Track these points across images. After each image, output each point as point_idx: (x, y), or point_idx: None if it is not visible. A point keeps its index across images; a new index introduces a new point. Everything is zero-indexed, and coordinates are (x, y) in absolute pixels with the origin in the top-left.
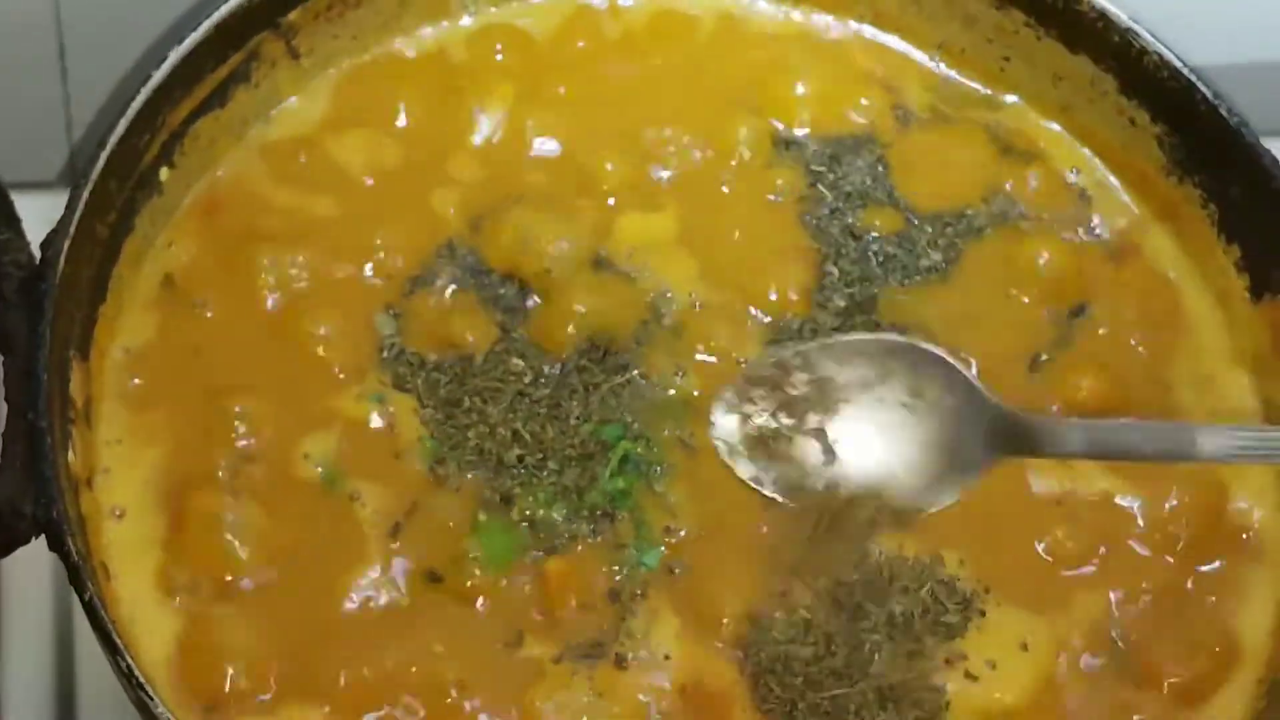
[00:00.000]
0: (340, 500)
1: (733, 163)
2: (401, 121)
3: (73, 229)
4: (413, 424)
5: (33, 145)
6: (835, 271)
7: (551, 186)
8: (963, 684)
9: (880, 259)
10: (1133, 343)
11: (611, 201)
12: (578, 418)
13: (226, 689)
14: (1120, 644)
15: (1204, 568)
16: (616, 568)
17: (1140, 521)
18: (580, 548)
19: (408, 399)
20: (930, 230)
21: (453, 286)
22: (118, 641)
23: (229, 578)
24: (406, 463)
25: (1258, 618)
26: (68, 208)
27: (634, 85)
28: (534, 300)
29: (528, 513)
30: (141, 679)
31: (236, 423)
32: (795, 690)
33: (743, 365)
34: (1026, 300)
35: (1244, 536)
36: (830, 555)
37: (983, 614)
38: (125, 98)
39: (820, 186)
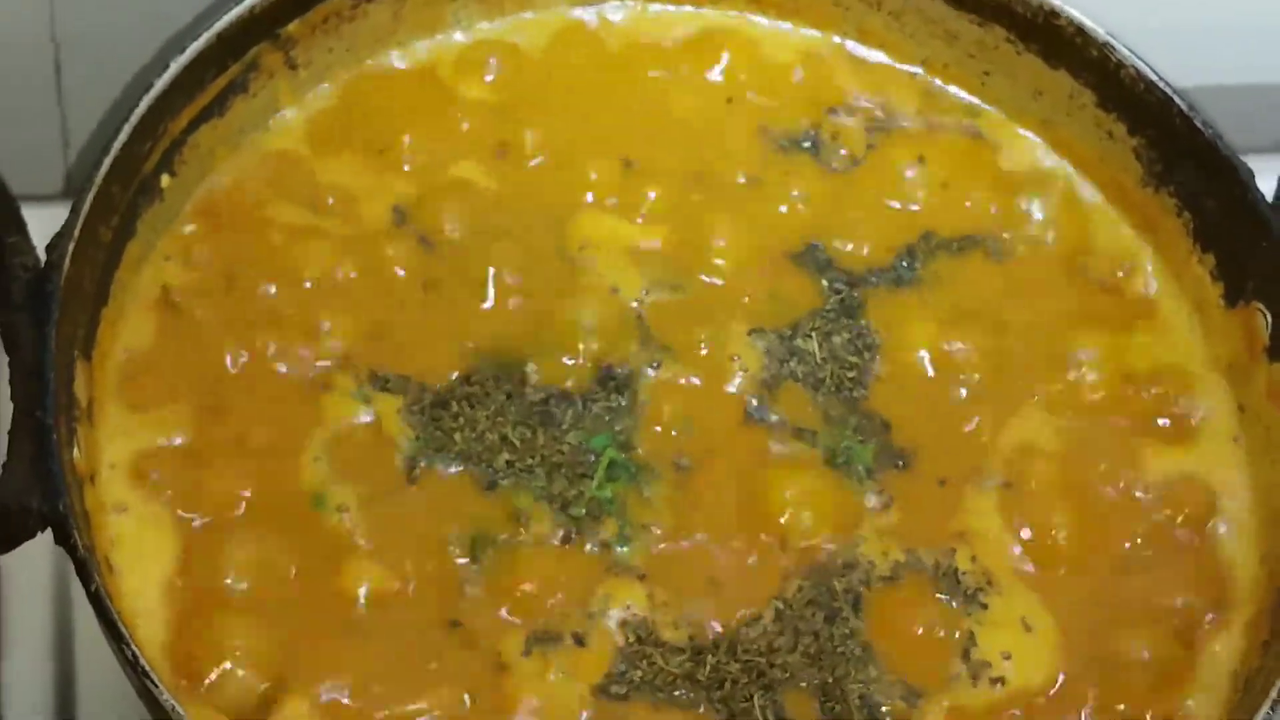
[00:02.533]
0: (330, 509)
1: (731, 177)
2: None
3: (77, 232)
4: (396, 423)
5: (28, 161)
6: (825, 282)
7: (542, 201)
8: (991, 688)
9: (872, 267)
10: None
11: (590, 197)
12: (568, 425)
13: (222, 684)
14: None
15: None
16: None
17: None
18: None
19: (393, 399)
20: (928, 243)
21: None
22: (123, 630)
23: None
24: (391, 462)
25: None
26: (73, 211)
27: (623, 99)
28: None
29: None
30: (147, 667)
31: (232, 431)
32: (729, 672)
33: (735, 362)
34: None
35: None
36: None
37: (985, 607)
38: (128, 105)
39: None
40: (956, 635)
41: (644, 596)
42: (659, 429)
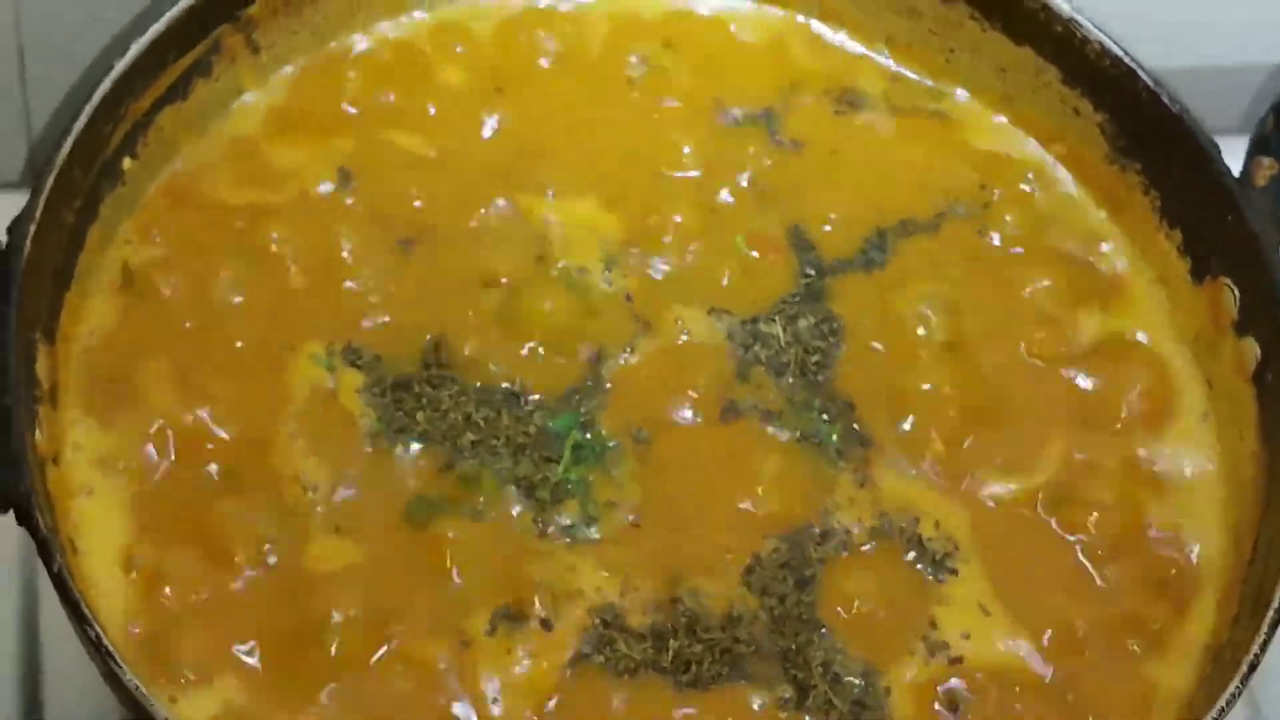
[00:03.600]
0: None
1: (694, 159)
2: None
3: (39, 214)
4: (355, 402)
5: None
6: (797, 266)
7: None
8: (950, 666)
9: (842, 253)
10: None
11: (550, 194)
12: (532, 406)
13: (185, 662)
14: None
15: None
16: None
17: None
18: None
19: (356, 375)
20: (904, 228)
21: None
22: (86, 611)
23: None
24: (354, 441)
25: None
26: (34, 193)
27: (584, 80)
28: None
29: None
30: (110, 647)
31: (199, 410)
32: (692, 654)
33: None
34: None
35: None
36: None
37: (955, 572)
38: (89, 87)
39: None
40: (919, 612)
41: (609, 578)
42: (625, 409)
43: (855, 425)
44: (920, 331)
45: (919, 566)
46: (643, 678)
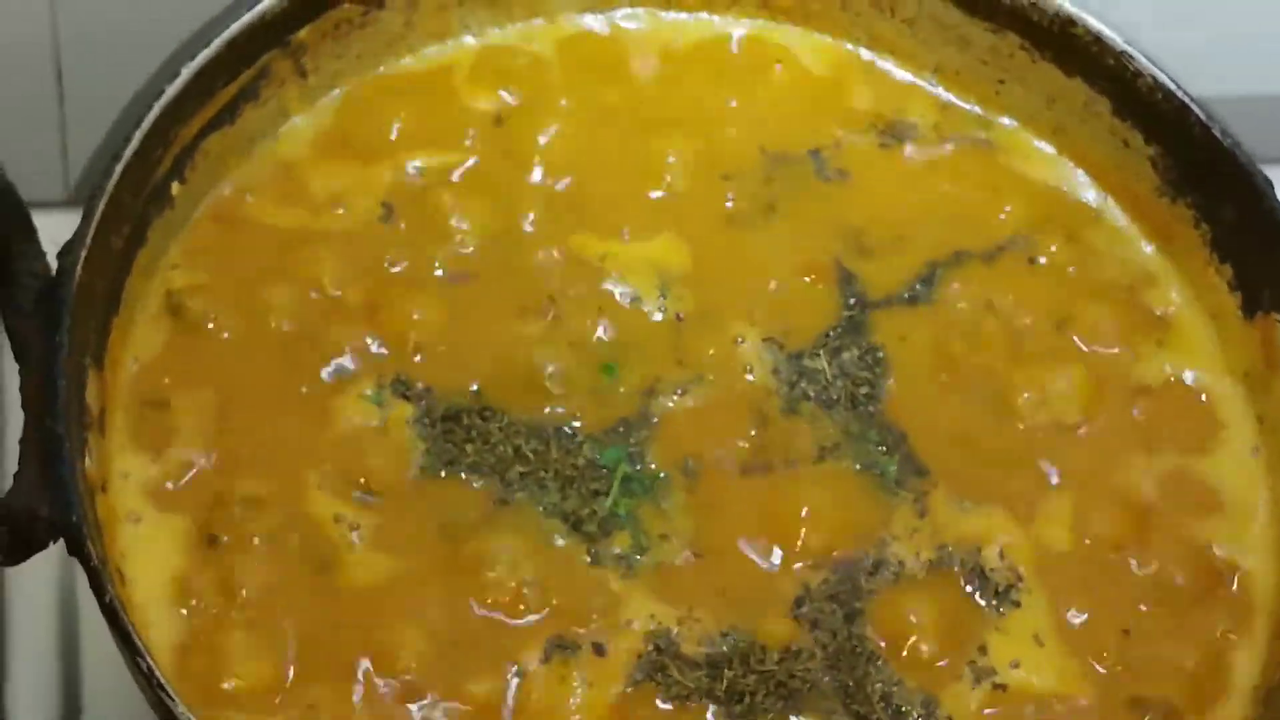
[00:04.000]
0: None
1: (745, 191)
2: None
3: (89, 239)
4: (405, 433)
5: (28, 167)
6: (842, 299)
7: (556, 214)
8: (994, 693)
9: (890, 287)
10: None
11: (600, 227)
12: (581, 438)
13: (232, 691)
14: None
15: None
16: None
17: None
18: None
19: (407, 407)
20: (958, 260)
21: None
22: (139, 643)
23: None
24: (401, 475)
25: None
26: (84, 218)
27: (633, 110)
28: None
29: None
30: (163, 680)
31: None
32: (746, 685)
33: (750, 377)
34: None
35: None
36: None
37: (1018, 605)
38: (138, 112)
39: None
40: (970, 638)
41: (662, 607)
42: (674, 441)
43: (911, 456)
44: (966, 362)
45: (979, 599)
46: (695, 704)
